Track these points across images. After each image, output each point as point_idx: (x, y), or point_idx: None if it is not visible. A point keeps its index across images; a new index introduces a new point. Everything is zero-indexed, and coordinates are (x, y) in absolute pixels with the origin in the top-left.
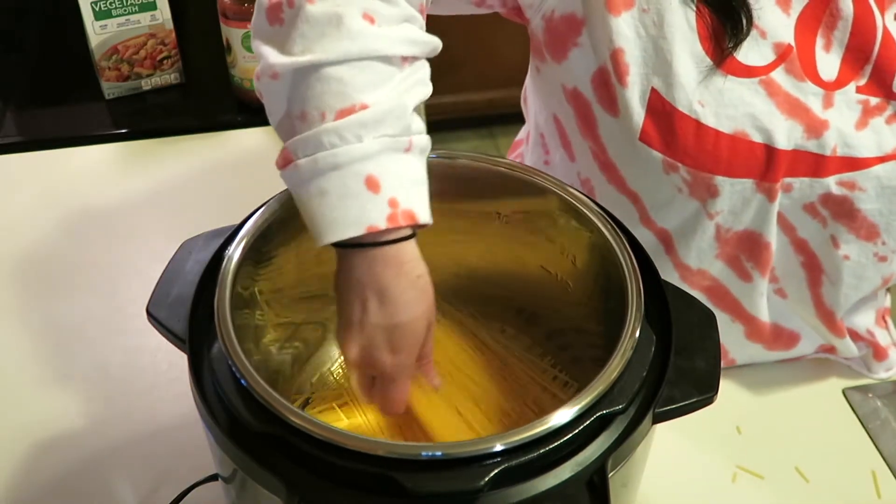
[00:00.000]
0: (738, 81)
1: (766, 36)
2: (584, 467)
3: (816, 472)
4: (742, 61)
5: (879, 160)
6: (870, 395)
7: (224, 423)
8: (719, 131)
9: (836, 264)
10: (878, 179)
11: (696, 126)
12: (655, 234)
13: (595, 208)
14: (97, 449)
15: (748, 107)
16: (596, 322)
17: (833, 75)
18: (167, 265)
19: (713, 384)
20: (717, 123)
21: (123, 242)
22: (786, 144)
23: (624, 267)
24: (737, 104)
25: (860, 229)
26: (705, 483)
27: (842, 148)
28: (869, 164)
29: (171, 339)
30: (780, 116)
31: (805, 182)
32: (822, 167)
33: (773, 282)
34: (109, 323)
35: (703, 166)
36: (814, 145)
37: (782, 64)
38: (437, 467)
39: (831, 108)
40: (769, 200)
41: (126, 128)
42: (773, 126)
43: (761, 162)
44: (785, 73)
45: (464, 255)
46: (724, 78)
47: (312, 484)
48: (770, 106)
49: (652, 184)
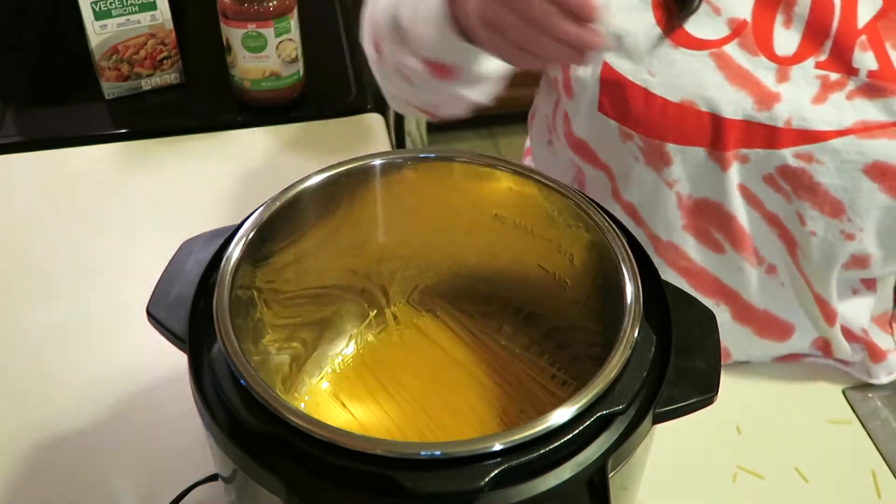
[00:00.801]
0: (689, 53)
1: (722, 12)
2: (585, 467)
3: (816, 472)
4: (693, 34)
5: (838, 134)
6: (870, 395)
7: (224, 423)
8: (667, 100)
9: (806, 239)
10: (836, 153)
11: (646, 95)
12: (624, 209)
13: (593, 207)
14: (97, 449)
15: (697, 77)
16: (594, 321)
17: (791, 51)
18: (167, 265)
19: (713, 384)
20: (665, 93)
21: (123, 242)
22: (732, 114)
23: (622, 266)
24: (685, 75)
25: (824, 205)
26: (705, 483)
27: (797, 121)
28: (826, 138)
29: (171, 339)
30: (728, 88)
31: (760, 153)
32: (777, 139)
33: (761, 264)
34: (109, 323)
35: (655, 134)
36: (765, 117)
37: (736, 39)
38: (437, 467)
39: (786, 82)
40: (722, 169)
41: (126, 128)
42: (720, 96)
43: (709, 131)
44: (738, 47)
45: (463, 255)
46: (675, 49)
47: (312, 484)
48: (719, 78)
49: (614, 155)
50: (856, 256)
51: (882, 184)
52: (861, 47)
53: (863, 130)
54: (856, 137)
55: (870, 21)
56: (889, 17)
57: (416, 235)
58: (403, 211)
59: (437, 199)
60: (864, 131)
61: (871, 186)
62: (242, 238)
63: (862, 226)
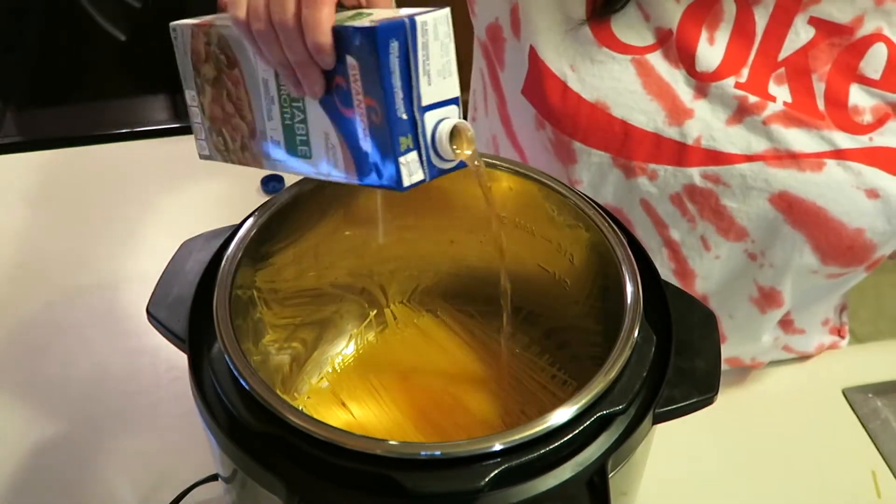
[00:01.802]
0: (612, 55)
1: (650, 20)
2: (585, 467)
3: (816, 472)
4: (619, 37)
5: (746, 158)
6: (870, 395)
7: (224, 423)
8: (581, 97)
9: (709, 266)
10: (742, 178)
11: (563, 88)
12: None
13: (593, 206)
14: (97, 449)
15: (615, 81)
16: (594, 321)
17: (712, 67)
18: (167, 265)
19: (713, 384)
20: (581, 90)
21: (123, 242)
22: (644, 125)
23: (622, 266)
24: (604, 76)
25: (729, 231)
26: (705, 483)
27: (706, 140)
28: (733, 161)
29: (171, 339)
30: (644, 97)
31: (669, 170)
32: (685, 156)
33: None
34: (109, 323)
35: (564, 129)
36: (675, 132)
37: (660, 48)
38: (437, 467)
39: (703, 98)
40: (626, 177)
41: (126, 127)
42: (633, 104)
43: (618, 138)
44: (661, 57)
45: (463, 255)
46: (599, 49)
47: (312, 484)
48: (636, 85)
49: (529, 140)
50: (764, 290)
51: (788, 216)
52: (776, 80)
53: (773, 158)
54: (765, 164)
55: (798, 50)
56: (819, 48)
57: (417, 235)
58: (403, 211)
59: (438, 199)
60: (774, 159)
61: (777, 216)
62: (242, 238)
63: (763, 248)
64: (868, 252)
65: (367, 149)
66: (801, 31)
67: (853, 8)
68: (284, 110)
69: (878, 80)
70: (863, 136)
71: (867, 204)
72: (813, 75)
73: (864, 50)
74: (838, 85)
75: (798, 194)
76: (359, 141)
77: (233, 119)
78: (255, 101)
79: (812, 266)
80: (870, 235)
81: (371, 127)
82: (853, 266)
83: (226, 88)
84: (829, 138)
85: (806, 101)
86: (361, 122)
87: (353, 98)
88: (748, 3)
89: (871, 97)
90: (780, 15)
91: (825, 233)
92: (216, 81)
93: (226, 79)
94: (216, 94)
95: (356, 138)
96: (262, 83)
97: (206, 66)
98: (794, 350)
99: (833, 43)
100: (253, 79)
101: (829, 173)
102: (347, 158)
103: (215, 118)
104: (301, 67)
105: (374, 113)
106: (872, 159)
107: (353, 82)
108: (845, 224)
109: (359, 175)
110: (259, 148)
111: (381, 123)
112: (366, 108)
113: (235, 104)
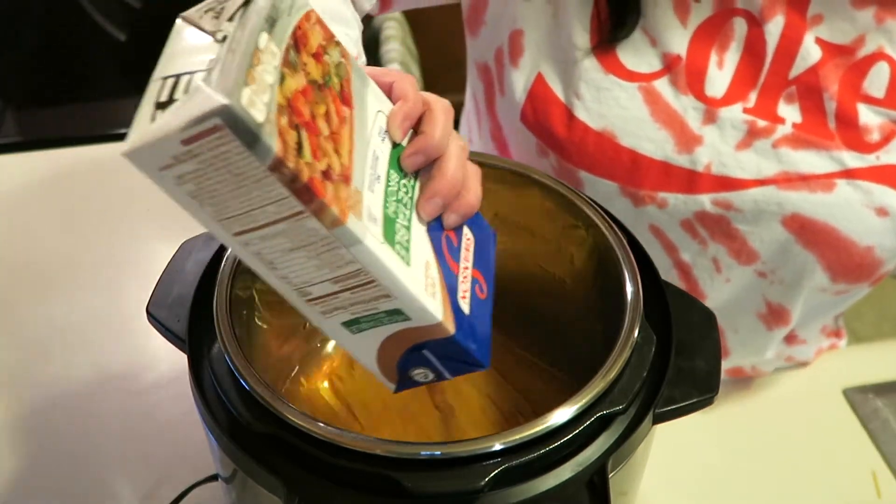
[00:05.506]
0: (618, 83)
1: (657, 44)
2: (585, 468)
3: (816, 472)
4: (626, 65)
5: (757, 183)
6: (870, 395)
7: (224, 423)
8: (588, 126)
9: (719, 288)
10: (754, 202)
11: (569, 117)
12: None
13: (593, 207)
14: (97, 449)
15: (622, 110)
16: (594, 321)
17: (720, 93)
18: (167, 265)
19: (713, 384)
20: (587, 118)
21: (123, 242)
22: (652, 153)
23: (623, 266)
24: (611, 104)
25: (741, 253)
26: (705, 483)
27: (717, 166)
28: (745, 186)
29: (171, 339)
30: (652, 125)
31: (679, 198)
32: (695, 184)
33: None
34: (109, 323)
35: (569, 158)
36: (685, 160)
37: (667, 74)
38: (437, 467)
39: (712, 124)
40: (634, 205)
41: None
42: (642, 132)
43: (626, 166)
44: (669, 83)
45: None
46: (605, 76)
47: (312, 484)
48: (644, 113)
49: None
50: (772, 306)
51: (800, 237)
52: (787, 99)
53: (784, 181)
54: (776, 188)
55: (809, 69)
56: (828, 67)
57: None
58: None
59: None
60: (785, 182)
61: (789, 238)
62: None
63: (773, 268)
64: (876, 268)
65: (465, 310)
66: (811, 49)
67: (854, 27)
68: (388, 199)
69: (882, 99)
70: (870, 154)
71: (877, 222)
72: (824, 94)
73: (867, 69)
74: (848, 104)
75: (810, 215)
76: (457, 296)
77: (325, 143)
78: (357, 159)
79: (822, 285)
80: (879, 253)
81: (474, 297)
82: (861, 282)
83: (326, 106)
84: (839, 158)
85: (816, 119)
86: (463, 284)
87: (460, 258)
88: (758, 22)
89: (877, 115)
90: (791, 33)
91: (836, 252)
92: (320, 88)
93: (331, 102)
94: (315, 96)
95: (454, 291)
96: (371, 154)
97: (310, 62)
98: (796, 359)
99: (838, 63)
100: (363, 139)
101: (839, 193)
102: (446, 300)
103: (298, 111)
104: (447, 198)
105: (479, 287)
106: (881, 177)
107: (464, 249)
108: (856, 242)
109: (456, 327)
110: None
111: (486, 299)
112: (471, 278)
113: (333, 137)
